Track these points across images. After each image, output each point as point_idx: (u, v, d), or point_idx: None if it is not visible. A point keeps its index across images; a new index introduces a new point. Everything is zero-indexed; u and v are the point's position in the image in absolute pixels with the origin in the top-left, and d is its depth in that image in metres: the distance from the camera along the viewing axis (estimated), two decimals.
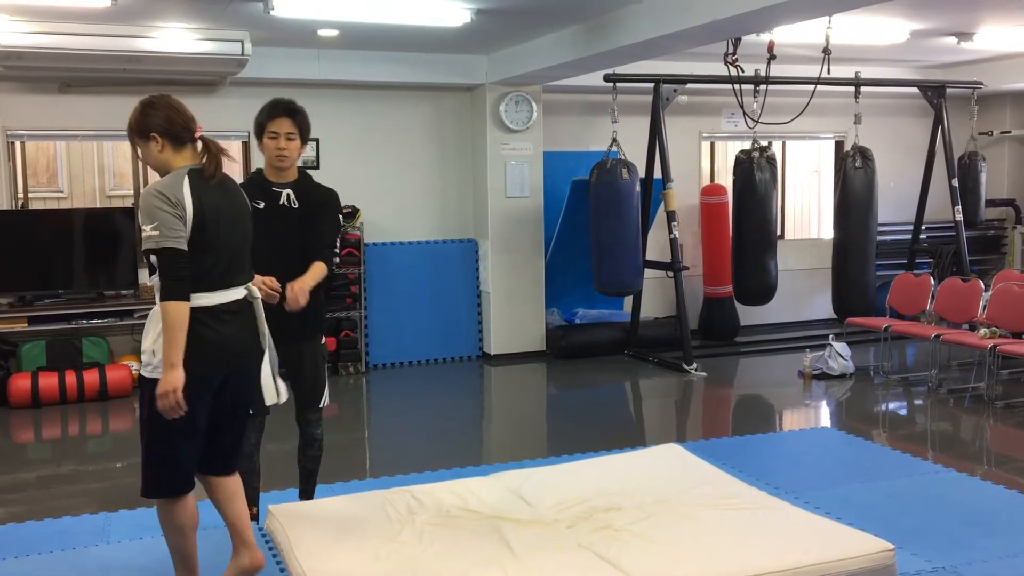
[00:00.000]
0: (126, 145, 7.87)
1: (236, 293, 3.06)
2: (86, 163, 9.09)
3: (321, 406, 3.89)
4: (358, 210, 7.67)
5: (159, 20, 6.13)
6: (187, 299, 2.87)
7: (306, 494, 4.03)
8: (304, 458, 3.99)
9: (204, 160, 3.06)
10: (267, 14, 5.64)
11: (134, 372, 6.98)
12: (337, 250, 3.86)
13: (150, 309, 3.04)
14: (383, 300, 7.94)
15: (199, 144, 3.08)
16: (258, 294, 3.17)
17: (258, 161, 7.62)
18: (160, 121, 2.99)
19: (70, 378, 6.67)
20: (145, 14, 5.93)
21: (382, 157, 8.07)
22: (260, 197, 3.64)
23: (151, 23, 6.20)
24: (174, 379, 2.84)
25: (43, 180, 9.08)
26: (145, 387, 3.00)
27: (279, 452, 5.56)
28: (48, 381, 6.62)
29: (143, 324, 3.10)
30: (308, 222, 3.68)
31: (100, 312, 6.94)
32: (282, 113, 3.64)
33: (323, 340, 3.89)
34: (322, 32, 6.57)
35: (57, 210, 8.26)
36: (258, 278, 3.24)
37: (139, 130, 3.00)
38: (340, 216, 3.85)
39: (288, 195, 3.67)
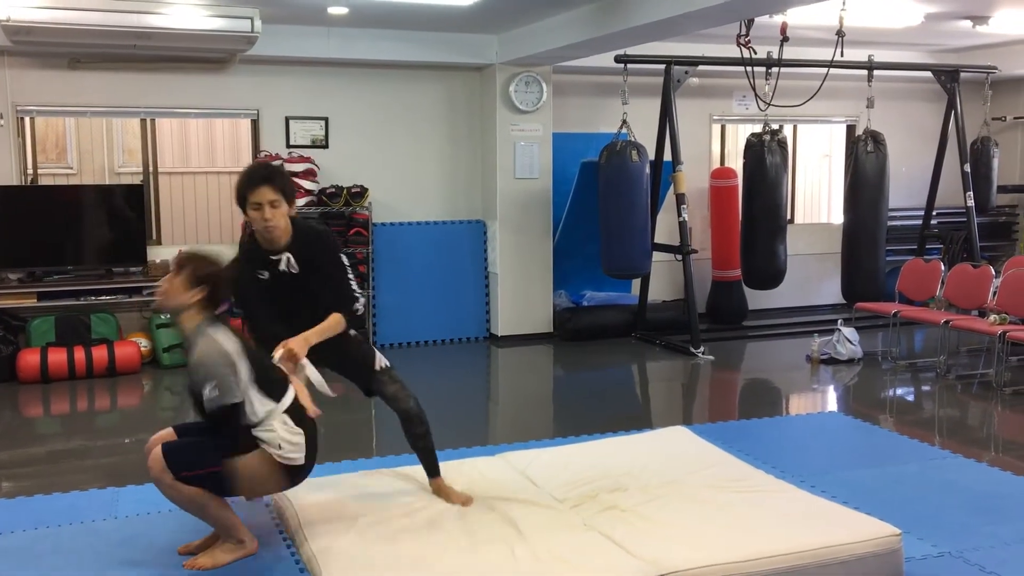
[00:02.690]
0: (135, 122, 7.87)
1: None
2: (95, 139, 9.08)
3: (378, 367, 3.74)
4: (366, 190, 7.65)
5: None
6: None
7: (432, 471, 3.81)
8: (410, 437, 3.77)
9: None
10: None
11: (143, 348, 7.01)
12: (359, 294, 3.66)
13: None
14: (391, 280, 7.94)
15: None
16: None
17: (267, 141, 7.63)
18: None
19: (79, 354, 6.69)
20: None
21: (391, 136, 8.04)
22: (262, 268, 3.55)
23: None
24: None
25: (52, 156, 9.08)
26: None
27: None
28: (57, 357, 6.64)
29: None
30: (312, 280, 3.56)
31: (109, 288, 6.96)
32: (260, 182, 3.43)
33: (353, 335, 3.77)
34: (332, 10, 6.53)
35: (67, 186, 8.28)
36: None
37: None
38: (340, 258, 3.64)
39: (288, 260, 3.53)
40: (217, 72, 7.42)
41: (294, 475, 3.35)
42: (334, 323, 3.51)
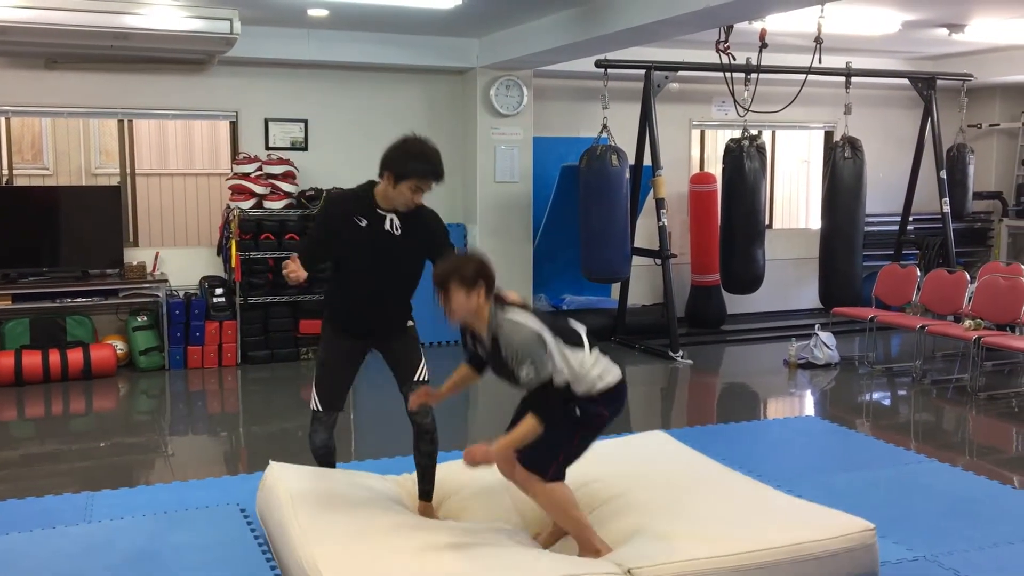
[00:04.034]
0: (112, 123, 7.80)
1: None
2: (72, 140, 9.00)
3: (417, 379, 3.82)
4: None
5: None
6: None
7: (425, 494, 3.80)
8: (417, 453, 3.80)
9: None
10: None
11: (119, 351, 6.95)
12: None
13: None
14: None
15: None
16: None
17: (246, 143, 7.58)
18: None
19: (54, 357, 6.62)
20: None
21: (371, 139, 7.93)
22: (364, 215, 3.59)
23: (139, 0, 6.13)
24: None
25: (28, 157, 8.99)
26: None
27: (266, 433, 5.54)
28: (31, 359, 6.57)
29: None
30: (408, 247, 3.62)
31: (85, 291, 6.89)
32: (434, 177, 3.57)
33: (410, 327, 3.93)
34: (312, 12, 6.51)
35: (42, 187, 8.19)
36: None
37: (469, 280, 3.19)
38: (444, 234, 3.77)
39: (392, 220, 3.60)
40: (196, 73, 7.38)
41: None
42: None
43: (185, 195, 9.27)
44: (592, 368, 3.26)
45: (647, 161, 7.92)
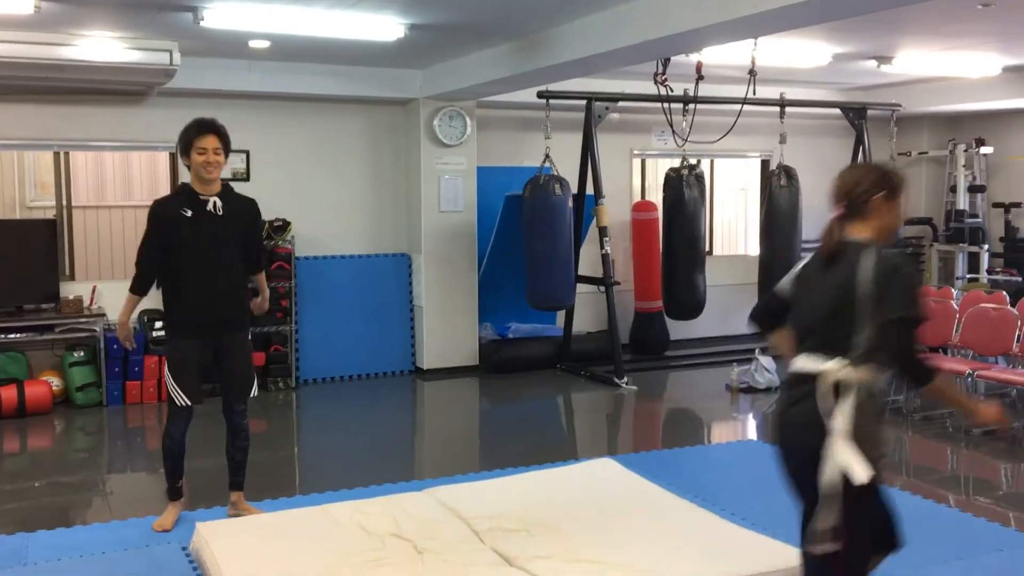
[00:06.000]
0: (47, 155, 7.66)
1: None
2: (6, 173, 8.82)
3: (250, 396, 4.29)
4: (289, 223, 7.59)
5: (85, 28, 5.99)
6: None
7: (236, 485, 4.33)
8: (233, 449, 4.32)
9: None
10: (197, 24, 5.56)
11: (54, 388, 6.79)
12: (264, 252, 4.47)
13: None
14: (314, 314, 7.85)
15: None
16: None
17: (186, 174, 7.51)
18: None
19: None
20: (70, 22, 5.79)
21: (314, 170, 8.00)
22: (188, 206, 4.10)
23: (76, 31, 6.05)
24: None
25: None
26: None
27: (208, 468, 5.44)
28: None
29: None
30: (233, 226, 4.16)
31: (19, 327, 6.73)
32: (209, 131, 4.07)
33: (248, 335, 4.33)
34: (253, 43, 6.50)
35: None
36: None
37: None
38: (262, 223, 4.44)
39: (214, 203, 4.12)
40: (134, 104, 7.30)
41: None
42: (264, 280, 4.37)
43: (124, 227, 9.11)
44: None
45: (590, 190, 8.02)
